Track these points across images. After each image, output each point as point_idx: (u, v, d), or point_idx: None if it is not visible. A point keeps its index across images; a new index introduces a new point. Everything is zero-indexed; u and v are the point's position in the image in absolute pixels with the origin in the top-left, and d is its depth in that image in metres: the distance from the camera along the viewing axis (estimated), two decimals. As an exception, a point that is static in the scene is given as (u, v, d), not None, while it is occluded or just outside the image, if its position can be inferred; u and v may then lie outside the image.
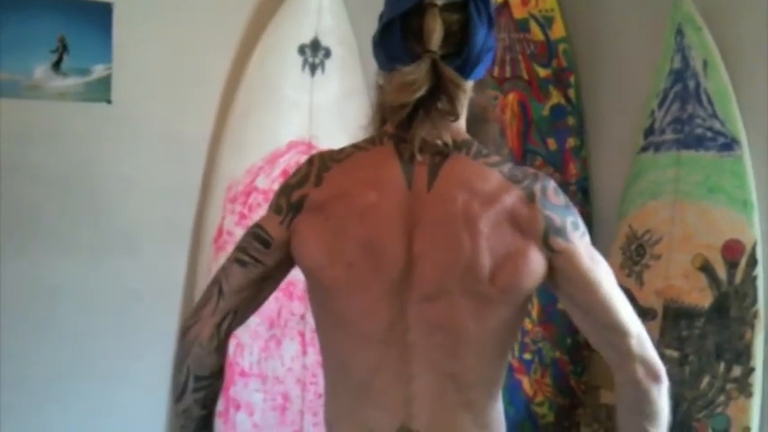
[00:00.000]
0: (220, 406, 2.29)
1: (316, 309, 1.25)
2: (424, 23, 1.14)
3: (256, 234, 1.21)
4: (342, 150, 1.20)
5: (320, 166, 1.19)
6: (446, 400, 1.16)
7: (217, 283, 1.22)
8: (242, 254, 1.21)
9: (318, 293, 1.22)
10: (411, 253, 1.14)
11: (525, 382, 2.59)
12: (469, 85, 1.19)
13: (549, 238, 1.14)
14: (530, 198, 1.14)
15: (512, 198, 1.14)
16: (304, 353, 2.38)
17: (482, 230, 1.12)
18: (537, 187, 1.15)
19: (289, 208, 1.19)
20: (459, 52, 1.15)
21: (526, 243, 1.14)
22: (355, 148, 1.20)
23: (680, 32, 2.25)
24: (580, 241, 1.16)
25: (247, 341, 2.34)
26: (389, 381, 1.17)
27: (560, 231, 1.15)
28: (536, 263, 1.14)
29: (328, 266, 1.16)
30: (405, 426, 1.16)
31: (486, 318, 1.15)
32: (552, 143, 2.63)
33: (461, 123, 1.20)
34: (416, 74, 1.13)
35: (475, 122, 1.23)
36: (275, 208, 1.21)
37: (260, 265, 1.21)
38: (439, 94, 1.13)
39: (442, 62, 1.13)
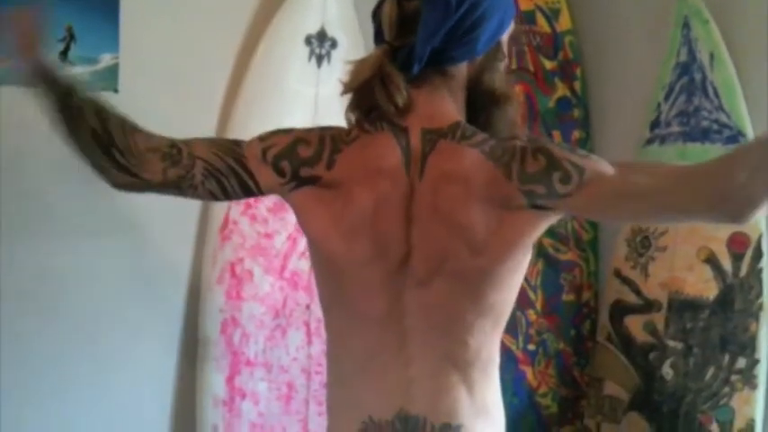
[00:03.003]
0: (225, 395, 2.30)
1: (319, 283, 1.26)
2: (382, 13, 1.18)
3: (241, 180, 1.21)
4: (348, 132, 1.21)
5: (333, 147, 1.19)
6: (444, 381, 1.18)
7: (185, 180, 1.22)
8: (217, 186, 1.22)
9: (322, 267, 1.23)
10: (409, 242, 1.16)
11: (529, 373, 2.60)
12: (459, 67, 1.19)
13: (536, 204, 1.14)
14: (507, 176, 1.14)
15: (489, 178, 1.14)
16: (309, 342, 2.39)
17: (464, 218, 1.14)
18: (514, 165, 1.14)
19: (293, 176, 1.20)
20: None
21: (512, 215, 1.14)
22: (361, 130, 1.20)
23: (686, 25, 2.25)
24: (578, 188, 1.12)
25: (252, 331, 2.35)
26: (388, 365, 1.18)
27: (548, 194, 1.14)
28: (526, 228, 1.15)
29: (334, 244, 1.18)
30: (404, 409, 1.17)
31: (479, 297, 1.17)
32: (558, 136, 2.63)
33: (450, 107, 1.20)
34: (363, 64, 1.17)
35: (486, 105, 1.22)
36: (276, 168, 1.20)
37: (227, 197, 1.24)
38: (377, 87, 1.15)
39: (388, 56, 1.15)
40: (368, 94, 1.17)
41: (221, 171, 1.21)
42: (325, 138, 1.21)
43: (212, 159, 1.22)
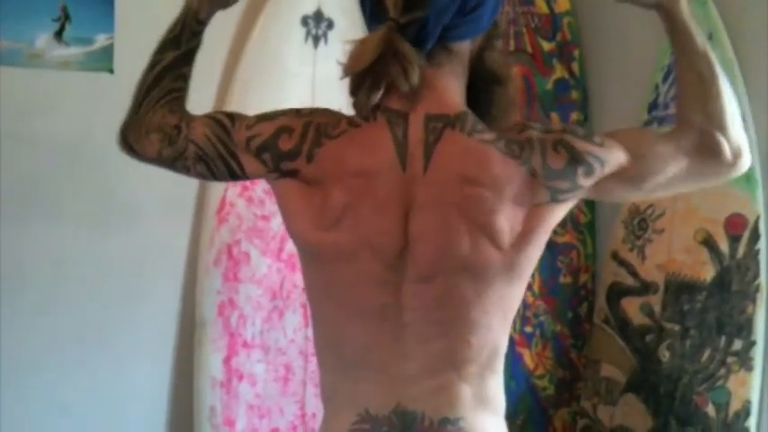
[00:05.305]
0: (223, 376, 2.31)
1: (306, 275, 1.22)
2: None
3: (228, 165, 1.20)
4: (337, 125, 1.15)
5: (314, 140, 1.14)
6: (443, 380, 1.15)
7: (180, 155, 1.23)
8: (206, 169, 1.22)
9: (306, 259, 1.20)
10: (407, 236, 1.12)
11: (526, 356, 2.60)
12: (463, 45, 1.16)
13: (559, 199, 1.13)
14: (531, 174, 1.11)
15: (512, 177, 1.11)
16: (306, 324, 2.39)
17: (492, 221, 1.10)
18: (536, 160, 1.11)
19: (275, 168, 1.16)
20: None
21: (535, 211, 1.13)
22: (349, 124, 1.15)
23: (685, 5, 2.24)
24: (600, 179, 1.14)
25: (250, 312, 2.35)
26: (384, 358, 1.15)
27: (571, 188, 1.13)
28: (548, 220, 1.14)
29: (316, 238, 1.14)
30: (401, 404, 1.14)
31: (488, 292, 1.13)
32: (556, 118, 2.63)
33: (455, 89, 1.16)
34: (367, 44, 1.09)
35: (487, 84, 1.19)
36: (259, 159, 1.17)
37: (216, 179, 1.25)
38: (392, 65, 1.09)
39: (396, 32, 1.08)
40: (376, 74, 1.10)
41: (210, 157, 1.21)
42: (310, 127, 1.15)
43: (204, 144, 1.21)
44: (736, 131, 1.20)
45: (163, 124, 1.24)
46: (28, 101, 2.19)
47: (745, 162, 1.21)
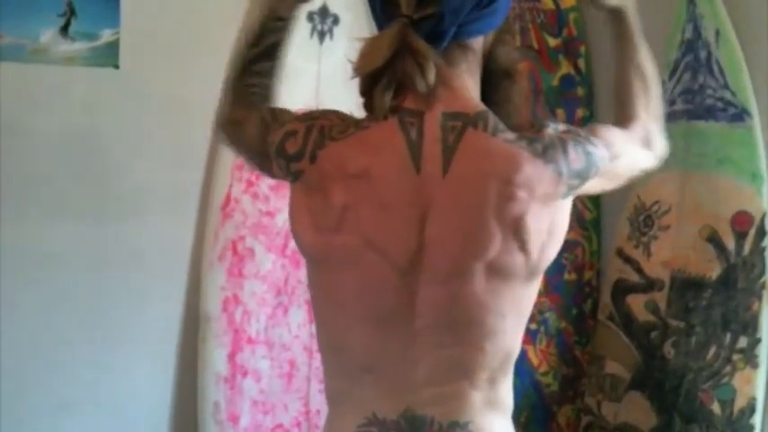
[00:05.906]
0: (227, 372, 2.31)
1: (311, 281, 1.20)
2: None
3: (263, 164, 1.22)
4: (345, 128, 1.12)
5: (317, 141, 1.12)
6: (455, 387, 1.13)
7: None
8: (252, 164, 1.27)
9: (313, 267, 1.18)
10: (421, 238, 1.09)
11: (530, 352, 2.60)
12: (477, 42, 1.14)
13: (568, 195, 1.13)
14: (558, 173, 1.10)
15: (541, 177, 1.09)
16: (311, 321, 2.39)
17: (517, 217, 1.08)
18: (561, 160, 1.10)
19: (288, 171, 1.15)
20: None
21: (555, 208, 1.11)
22: (357, 126, 1.12)
23: (692, 2, 2.23)
24: (598, 175, 1.17)
25: (254, 308, 2.35)
26: (392, 366, 1.13)
27: (578, 186, 1.13)
28: (566, 215, 1.14)
29: (318, 243, 1.12)
30: (410, 409, 1.12)
31: (506, 296, 1.11)
32: (561, 114, 2.62)
33: (471, 87, 1.13)
34: (380, 42, 1.06)
35: (500, 80, 1.18)
36: (277, 163, 1.17)
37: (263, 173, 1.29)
38: (407, 62, 1.06)
39: (410, 28, 1.05)
40: (391, 73, 1.07)
41: (252, 153, 1.24)
42: (313, 129, 1.13)
43: (251, 141, 1.23)
44: (662, 130, 1.32)
45: (234, 118, 1.26)
46: (33, 96, 2.19)
47: (663, 157, 1.33)
